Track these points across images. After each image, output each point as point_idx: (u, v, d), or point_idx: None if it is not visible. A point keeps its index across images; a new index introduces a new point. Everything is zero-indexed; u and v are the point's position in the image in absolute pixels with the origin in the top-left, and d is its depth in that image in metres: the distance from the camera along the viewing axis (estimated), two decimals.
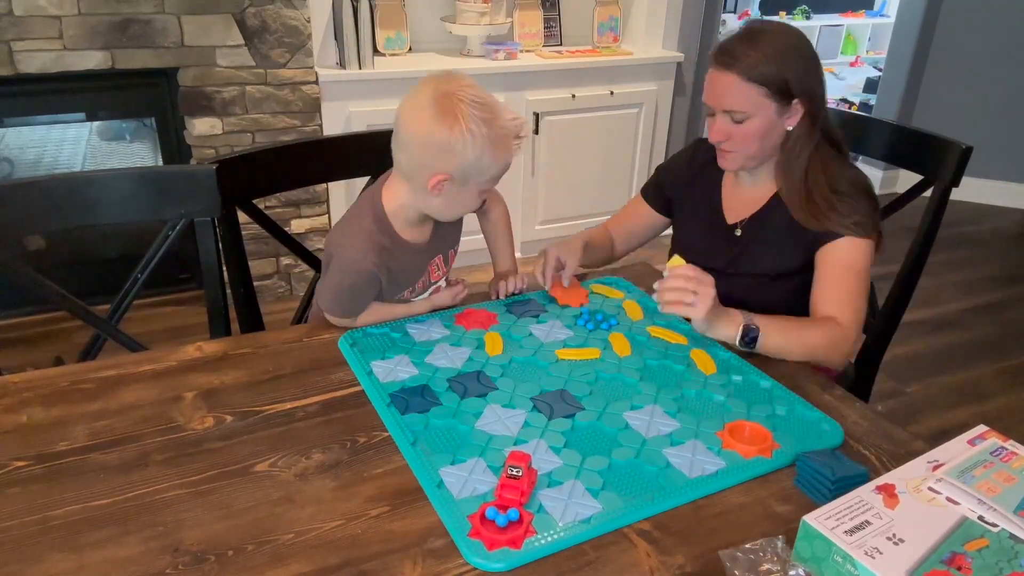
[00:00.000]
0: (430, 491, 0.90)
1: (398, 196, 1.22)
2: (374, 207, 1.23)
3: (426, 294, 1.34)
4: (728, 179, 1.46)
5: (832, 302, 1.28)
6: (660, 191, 1.56)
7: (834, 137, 1.36)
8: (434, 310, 1.32)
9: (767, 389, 1.14)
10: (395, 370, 1.14)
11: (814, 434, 1.04)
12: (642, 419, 1.05)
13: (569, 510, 0.88)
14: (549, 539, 0.84)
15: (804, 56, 1.27)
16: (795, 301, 1.36)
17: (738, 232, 1.42)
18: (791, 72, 1.25)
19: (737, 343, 1.19)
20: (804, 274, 1.34)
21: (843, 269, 1.29)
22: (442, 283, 1.38)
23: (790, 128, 1.30)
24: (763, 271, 1.38)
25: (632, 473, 0.95)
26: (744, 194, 1.43)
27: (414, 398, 1.08)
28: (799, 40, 1.28)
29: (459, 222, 1.35)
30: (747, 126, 1.28)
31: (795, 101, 1.27)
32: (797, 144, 1.31)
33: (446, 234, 1.33)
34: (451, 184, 1.16)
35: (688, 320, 1.19)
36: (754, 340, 1.19)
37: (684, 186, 1.51)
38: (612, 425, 1.03)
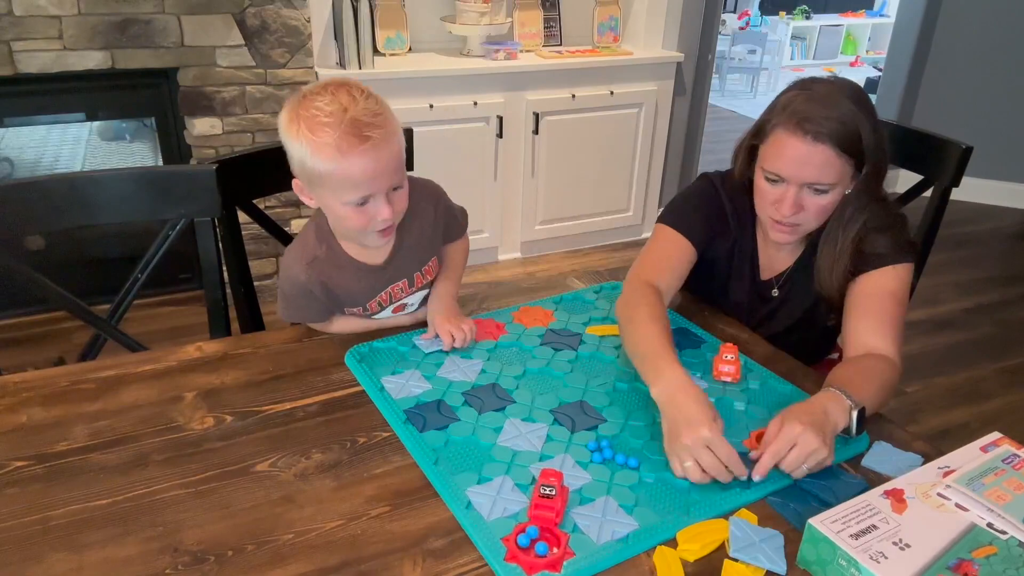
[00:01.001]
0: (458, 512, 0.88)
1: None
2: (318, 218, 1.19)
3: (388, 311, 1.28)
4: (761, 233, 1.33)
5: (877, 333, 1.15)
6: (707, 230, 1.31)
7: (884, 193, 1.24)
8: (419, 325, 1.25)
9: (786, 394, 1.12)
10: (407, 385, 1.11)
11: (839, 440, 1.00)
12: None
13: (605, 528, 0.86)
14: (589, 560, 0.81)
15: (872, 114, 1.15)
16: (826, 337, 1.37)
17: (775, 292, 1.33)
18: (868, 138, 1.14)
19: (854, 432, 1.00)
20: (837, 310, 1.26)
21: (885, 296, 1.18)
22: (411, 299, 1.29)
23: (848, 191, 1.19)
24: (799, 319, 1.33)
25: (664, 487, 0.93)
26: (776, 251, 1.32)
27: (431, 414, 1.05)
28: (858, 95, 1.16)
29: (430, 243, 1.26)
30: (826, 198, 1.16)
31: (866, 166, 1.16)
32: (850, 207, 1.18)
33: (414, 255, 1.23)
34: (309, 190, 1.09)
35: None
36: (863, 414, 1.01)
37: (730, 237, 1.33)
38: (637, 437, 1.01)
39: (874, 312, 1.17)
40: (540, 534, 0.83)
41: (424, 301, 1.31)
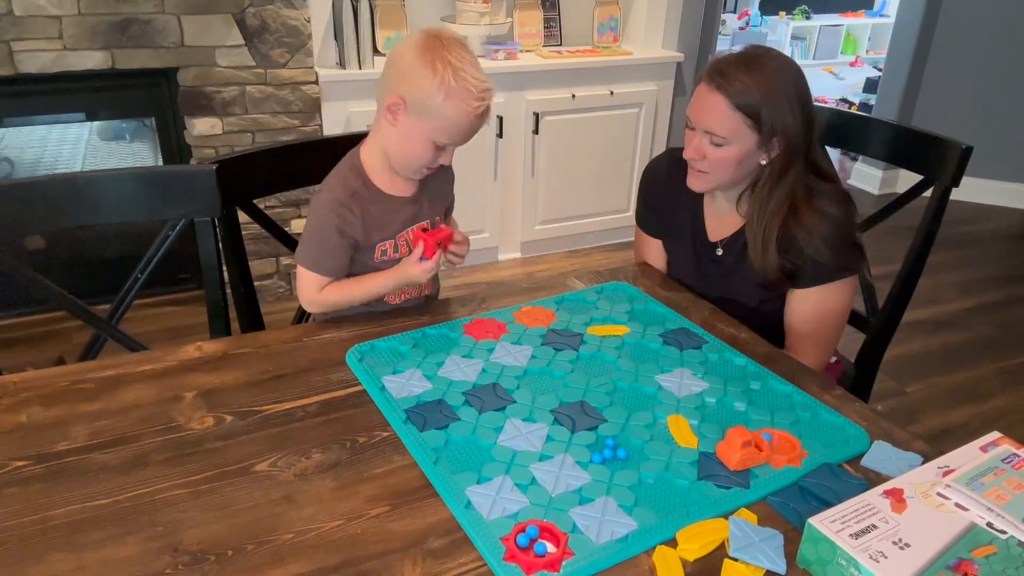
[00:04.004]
0: (458, 512, 0.88)
1: (371, 143, 1.28)
2: (351, 158, 1.29)
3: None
4: (708, 196, 1.42)
5: (806, 354, 1.32)
6: (648, 212, 1.53)
7: (823, 172, 1.31)
8: (401, 286, 1.29)
9: (787, 395, 1.12)
10: (408, 385, 1.11)
11: (840, 440, 1.02)
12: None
13: (604, 528, 0.86)
14: (588, 560, 0.81)
15: (789, 95, 1.22)
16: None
17: (719, 251, 1.41)
18: (774, 110, 1.22)
19: None
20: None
21: (824, 316, 1.32)
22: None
23: (764, 163, 1.28)
24: (751, 290, 1.37)
25: (664, 487, 0.93)
26: (723, 212, 1.40)
27: (431, 414, 1.05)
28: (792, 77, 1.24)
29: (447, 181, 1.38)
30: (723, 151, 1.25)
31: (775, 138, 1.24)
32: (768, 182, 1.27)
33: (434, 193, 1.35)
34: (404, 113, 1.19)
35: None
36: None
37: (668, 205, 1.47)
38: (637, 437, 1.01)
39: (807, 335, 1.34)
40: (540, 533, 0.83)
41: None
